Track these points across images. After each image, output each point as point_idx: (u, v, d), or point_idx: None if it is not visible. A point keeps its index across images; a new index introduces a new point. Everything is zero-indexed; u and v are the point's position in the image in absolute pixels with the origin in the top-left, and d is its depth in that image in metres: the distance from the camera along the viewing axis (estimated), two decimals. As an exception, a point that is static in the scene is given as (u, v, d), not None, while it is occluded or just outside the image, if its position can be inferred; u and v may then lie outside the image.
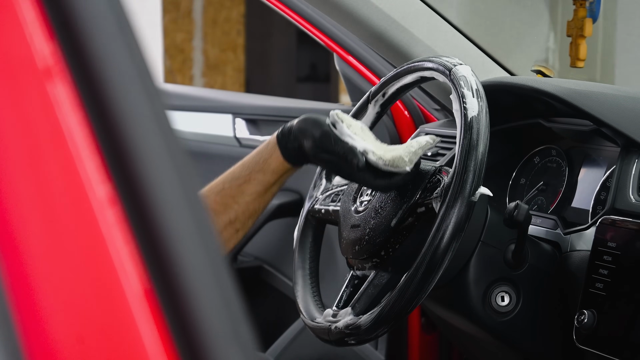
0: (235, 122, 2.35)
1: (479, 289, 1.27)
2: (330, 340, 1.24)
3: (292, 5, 1.90)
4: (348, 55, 1.89)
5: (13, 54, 0.45)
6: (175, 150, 0.47)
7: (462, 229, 1.11)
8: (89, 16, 0.46)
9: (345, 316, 1.22)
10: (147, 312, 0.44)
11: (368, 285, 1.23)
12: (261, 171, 1.26)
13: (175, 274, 0.45)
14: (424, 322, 1.84)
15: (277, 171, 1.26)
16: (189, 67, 7.53)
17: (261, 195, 1.27)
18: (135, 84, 0.46)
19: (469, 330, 1.37)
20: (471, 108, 1.14)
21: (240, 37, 7.72)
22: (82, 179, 0.45)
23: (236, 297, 0.47)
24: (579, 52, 1.80)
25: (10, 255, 0.44)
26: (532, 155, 1.51)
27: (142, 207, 0.45)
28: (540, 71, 1.74)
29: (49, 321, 0.44)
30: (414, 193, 1.20)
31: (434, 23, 1.58)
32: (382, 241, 1.22)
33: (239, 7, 7.71)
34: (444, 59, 1.21)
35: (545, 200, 1.47)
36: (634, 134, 1.26)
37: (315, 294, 1.35)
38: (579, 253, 1.28)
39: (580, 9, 1.81)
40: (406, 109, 1.83)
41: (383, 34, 1.54)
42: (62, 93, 0.45)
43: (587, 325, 1.20)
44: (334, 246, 1.89)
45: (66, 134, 0.45)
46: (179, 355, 0.45)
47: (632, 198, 1.23)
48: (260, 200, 1.27)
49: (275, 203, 2.19)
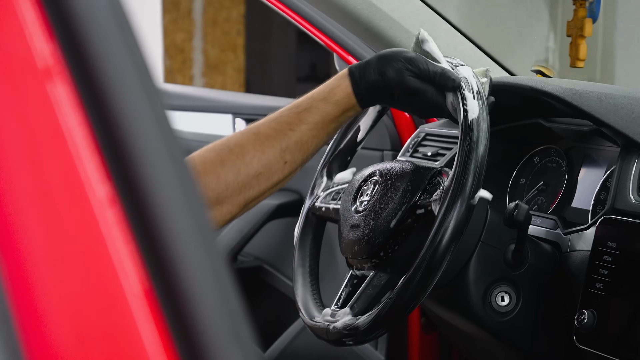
0: (235, 122, 2.35)
1: (479, 289, 1.27)
2: (329, 340, 1.24)
3: (292, 5, 1.90)
4: (348, 55, 1.89)
5: (13, 54, 0.45)
6: (175, 150, 0.47)
7: (461, 232, 1.11)
8: (89, 16, 0.46)
9: (343, 316, 1.22)
10: (147, 312, 0.44)
11: (367, 286, 1.23)
12: (324, 100, 1.18)
13: (175, 274, 0.45)
14: (424, 322, 1.84)
15: (340, 104, 1.18)
16: (189, 67, 7.53)
17: (318, 128, 1.18)
18: (135, 84, 0.46)
19: (469, 330, 1.37)
20: (472, 110, 1.14)
21: (240, 37, 7.72)
22: (82, 179, 0.45)
23: (236, 297, 0.47)
24: (579, 52, 1.80)
25: (10, 255, 0.44)
26: (532, 155, 1.51)
27: (142, 207, 0.45)
28: (540, 71, 1.74)
29: (49, 321, 0.44)
30: (413, 194, 1.20)
31: (434, 23, 1.58)
32: (381, 242, 1.21)
33: (239, 7, 7.71)
34: (445, 58, 1.21)
35: (545, 200, 1.47)
36: (634, 134, 1.26)
37: (315, 292, 1.35)
38: (579, 253, 1.28)
39: (580, 9, 1.81)
40: (406, 109, 1.82)
41: (383, 34, 1.54)
42: (62, 93, 0.45)
43: (587, 325, 1.20)
44: (334, 245, 1.88)
45: (66, 134, 0.45)
46: (179, 355, 0.45)
47: (632, 198, 1.23)
48: (316, 133, 1.18)
49: (275, 203, 2.19)
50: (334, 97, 1.18)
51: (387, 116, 1.83)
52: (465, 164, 1.12)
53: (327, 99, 1.18)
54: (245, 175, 1.17)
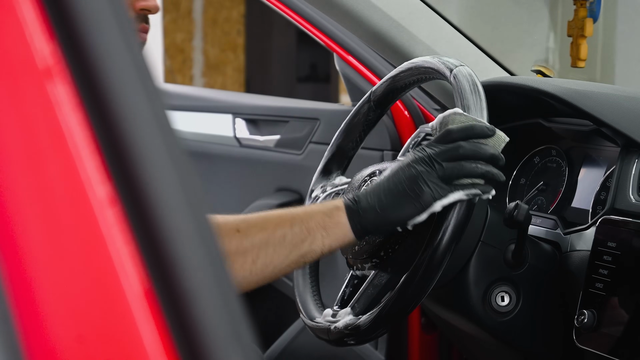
0: (235, 122, 2.35)
1: (479, 289, 1.27)
2: (330, 340, 1.24)
3: (292, 5, 1.90)
4: (348, 55, 1.89)
5: (13, 54, 0.45)
6: (175, 150, 0.47)
7: (462, 232, 1.11)
8: (89, 16, 0.46)
9: (344, 316, 1.22)
10: (147, 312, 0.44)
11: (367, 286, 1.23)
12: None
13: (175, 274, 0.45)
14: (424, 322, 1.84)
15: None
16: (189, 67, 7.53)
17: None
18: (136, 84, 0.46)
19: (469, 330, 1.37)
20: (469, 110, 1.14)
21: (240, 37, 7.72)
22: (82, 179, 0.45)
23: (236, 297, 0.47)
24: (579, 52, 1.80)
25: (11, 255, 0.44)
26: (532, 155, 1.51)
27: (142, 207, 0.45)
28: (540, 71, 1.74)
29: (49, 321, 0.44)
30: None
31: (434, 23, 1.58)
32: (381, 242, 1.21)
33: (239, 7, 7.71)
34: (445, 59, 1.21)
35: (545, 200, 1.47)
36: (634, 134, 1.26)
37: (315, 293, 1.35)
38: (579, 253, 1.28)
39: (581, 9, 1.81)
40: (406, 109, 1.82)
41: (383, 34, 1.54)
42: (62, 93, 0.45)
43: (587, 325, 1.20)
44: (334, 246, 1.88)
45: (66, 134, 0.45)
46: (179, 355, 0.45)
47: (632, 198, 1.23)
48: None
49: (275, 203, 2.19)
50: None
51: (387, 116, 1.83)
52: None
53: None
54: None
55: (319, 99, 5.22)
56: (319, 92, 8.45)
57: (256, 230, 1.08)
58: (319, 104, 2.28)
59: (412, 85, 1.31)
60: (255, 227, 1.08)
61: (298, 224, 1.09)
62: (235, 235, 1.07)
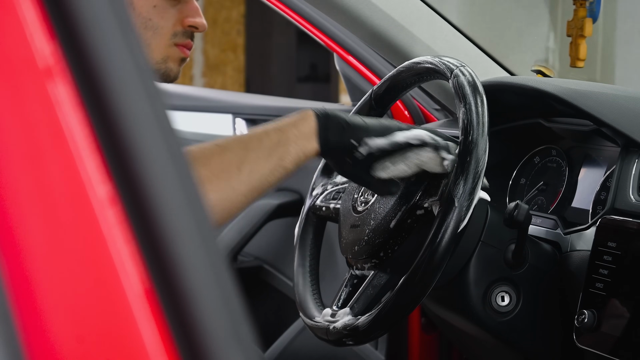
0: (235, 122, 2.35)
1: (479, 289, 1.27)
2: (329, 340, 1.24)
3: (292, 5, 1.90)
4: (348, 55, 1.89)
5: (13, 54, 0.45)
6: (176, 150, 0.47)
7: (462, 232, 1.11)
8: (90, 16, 0.46)
9: (343, 316, 1.22)
10: (147, 312, 0.44)
11: (367, 286, 1.23)
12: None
13: (176, 274, 0.45)
14: (424, 322, 1.84)
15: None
16: (189, 67, 7.53)
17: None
18: (136, 84, 0.46)
19: (469, 330, 1.37)
20: (470, 109, 1.14)
21: (240, 37, 7.73)
22: (83, 178, 0.45)
23: (236, 297, 0.47)
24: (579, 52, 1.80)
25: (11, 255, 0.44)
26: (532, 155, 1.51)
27: (143, 207, 0.45)
28: (540, 71, 1.74)
29: (49, 321, 0.44)
30: (413, 195, 1.20)
31: (434, 23, 1.58)
32: (381, 242, 1.21)
33: (239, 7, 7.71)
34: (445, 59, 1.21)
35: (545, 200, 1.47)
36: (634, 134, 1.26)
37: (315, 292, 1.35)
38: (579, 253, 1.28)
39: (581, 9, 1.81)
40: (406, 109, 1.83)
41: (383, 34, 1.54)
42: (62, 93, 0.45)
43: (587, 325, 1.20)
44: (334, 245, 1.88)
45: (67, 134, 0.45)
46: (179, 355, 0.45)
47: (632, 198, 1.23)
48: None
49: (275, 203, 2.19)
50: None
51: (387, 116, 1.83)
52: (465, 164, 1.12)
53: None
54: None
55: (319, 99, 5.22)
56: (319, 92, 8.45)
57: (234, 141, 1.14)
58: (319, 104, 2.29)
59: (413, 85, 1.32)
60: (233, 140, 1.15)
61: (272, 130, 1.15)
62: (216, 149, 1.12)
